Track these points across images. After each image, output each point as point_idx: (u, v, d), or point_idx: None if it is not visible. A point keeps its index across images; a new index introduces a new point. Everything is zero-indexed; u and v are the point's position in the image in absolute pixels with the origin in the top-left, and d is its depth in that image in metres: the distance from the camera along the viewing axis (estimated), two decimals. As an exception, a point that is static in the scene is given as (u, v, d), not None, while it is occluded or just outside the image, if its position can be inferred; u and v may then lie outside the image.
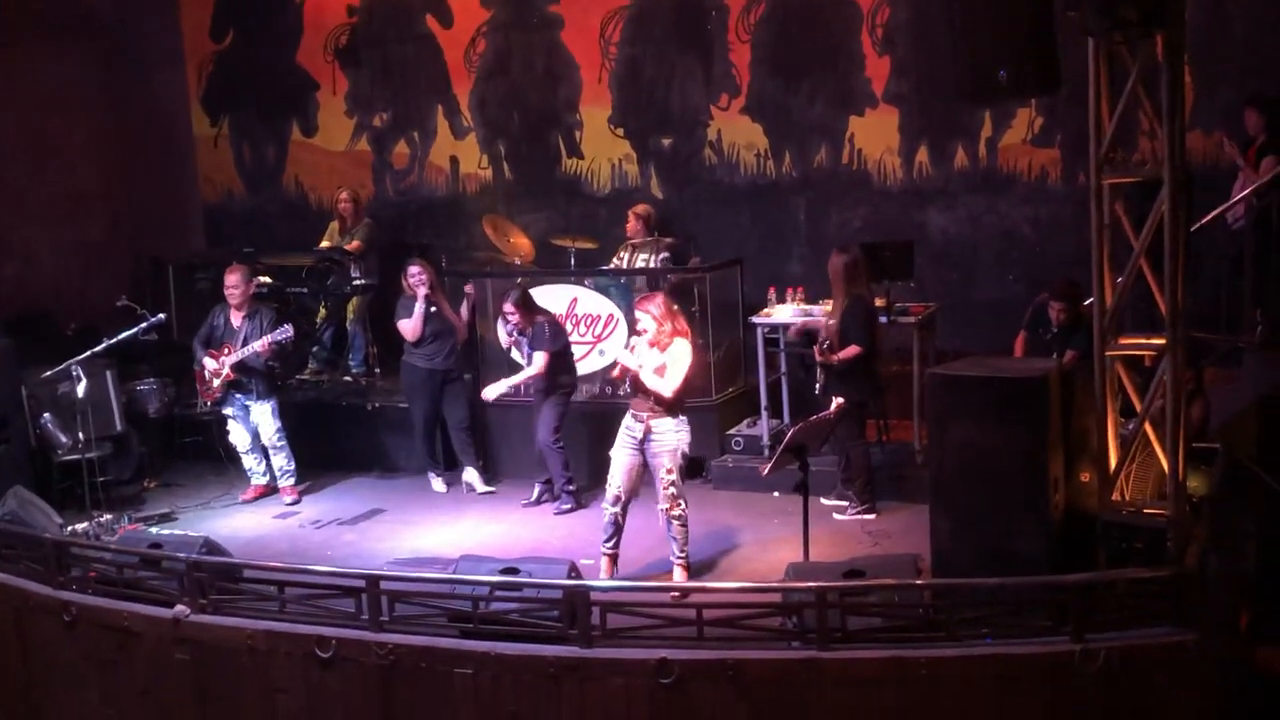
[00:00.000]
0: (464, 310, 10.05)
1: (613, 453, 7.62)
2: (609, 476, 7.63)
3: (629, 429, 7.57)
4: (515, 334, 9.18)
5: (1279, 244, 8.39)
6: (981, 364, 7.15)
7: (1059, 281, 8.48)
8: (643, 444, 7.51)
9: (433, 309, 9.49)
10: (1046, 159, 10.37)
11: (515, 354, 9.53)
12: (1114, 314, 6.79)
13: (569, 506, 9.10)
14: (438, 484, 9.88)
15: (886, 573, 6.57)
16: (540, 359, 8.99)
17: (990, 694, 5.95)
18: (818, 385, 8.86)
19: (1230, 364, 8.75)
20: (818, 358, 8.63)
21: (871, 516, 8.49)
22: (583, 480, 9.32)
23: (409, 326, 9.54)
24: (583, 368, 9.78)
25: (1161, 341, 6.65)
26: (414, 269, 9.58)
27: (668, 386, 7.45)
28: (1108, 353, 6.82)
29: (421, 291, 9.46)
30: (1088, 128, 6.76)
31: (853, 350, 8.39)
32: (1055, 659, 5.90)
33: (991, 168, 10.54)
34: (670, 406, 7.52)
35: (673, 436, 7.50)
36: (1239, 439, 7.98)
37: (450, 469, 9.97)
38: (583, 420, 9.42)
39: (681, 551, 7.61)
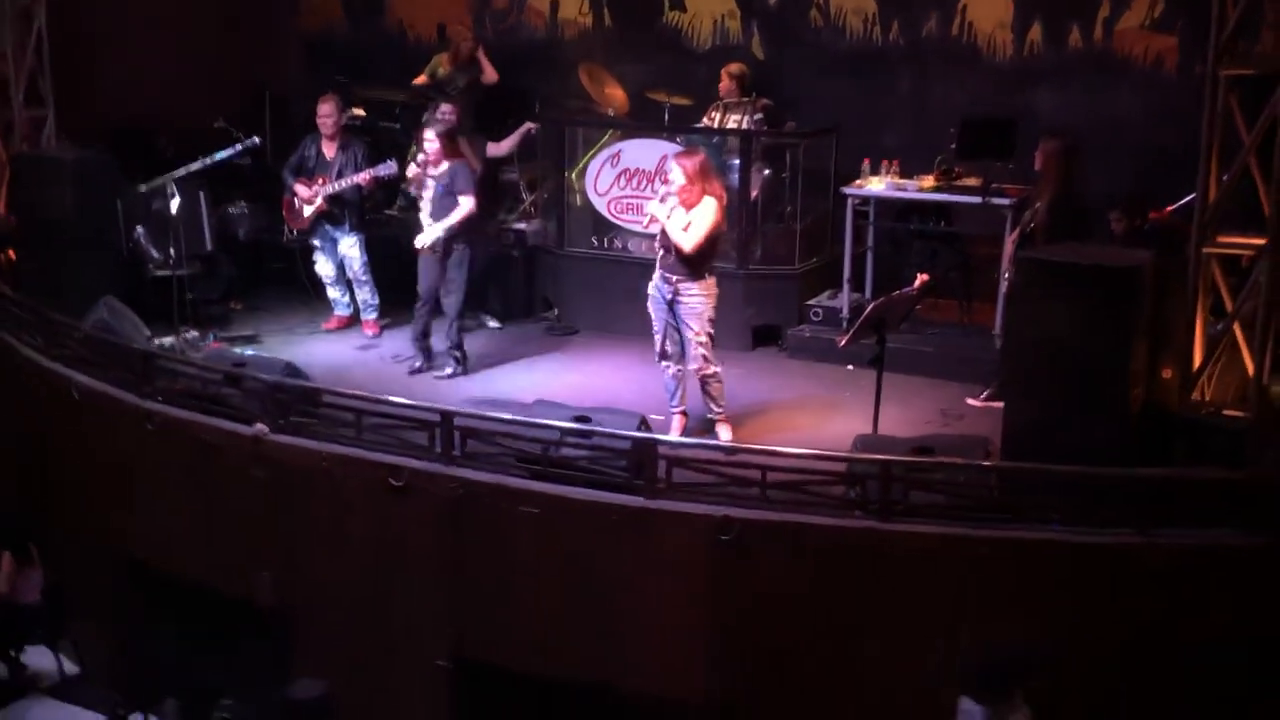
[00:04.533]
0: (508, 143, 9.99)
1: (650, 309, 7.67)
2: (657, 336, 7.68)
3: (659, 288, 7.58)
4: (422, 168, 8.83)
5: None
6: (1075, 250, 7.01)
7: (1127, 195, 8.34)
8: (671, 305, 7.54)
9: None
10: (1163, 46, 9.99)
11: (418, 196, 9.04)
12: (1215, 209, 6.62)
13: (450, 372, 8.92)
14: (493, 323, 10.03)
15: (955, 452, 6.58)
16: (468, 203, 8.79)
17: (1051, 579, 5.97)
18: (1004, 278, 8.39)
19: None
20: (1007, 258, 8.22)
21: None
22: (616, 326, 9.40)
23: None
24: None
25: (1262, 242, 6.48)
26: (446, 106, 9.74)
27: (689, 241, 7.41)
28: (1205, 249, 6.67)
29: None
30: (1210, 17, 6.52)
31: None
32: (1119, 550, 5.90)
33: (1106, 50, 10.17)
34: (695, 267, 7.48)
35: (700, 300, 7.50)
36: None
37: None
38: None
39: (719, 407, 7.71)
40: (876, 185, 9.49)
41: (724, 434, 7.69)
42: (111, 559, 8.00)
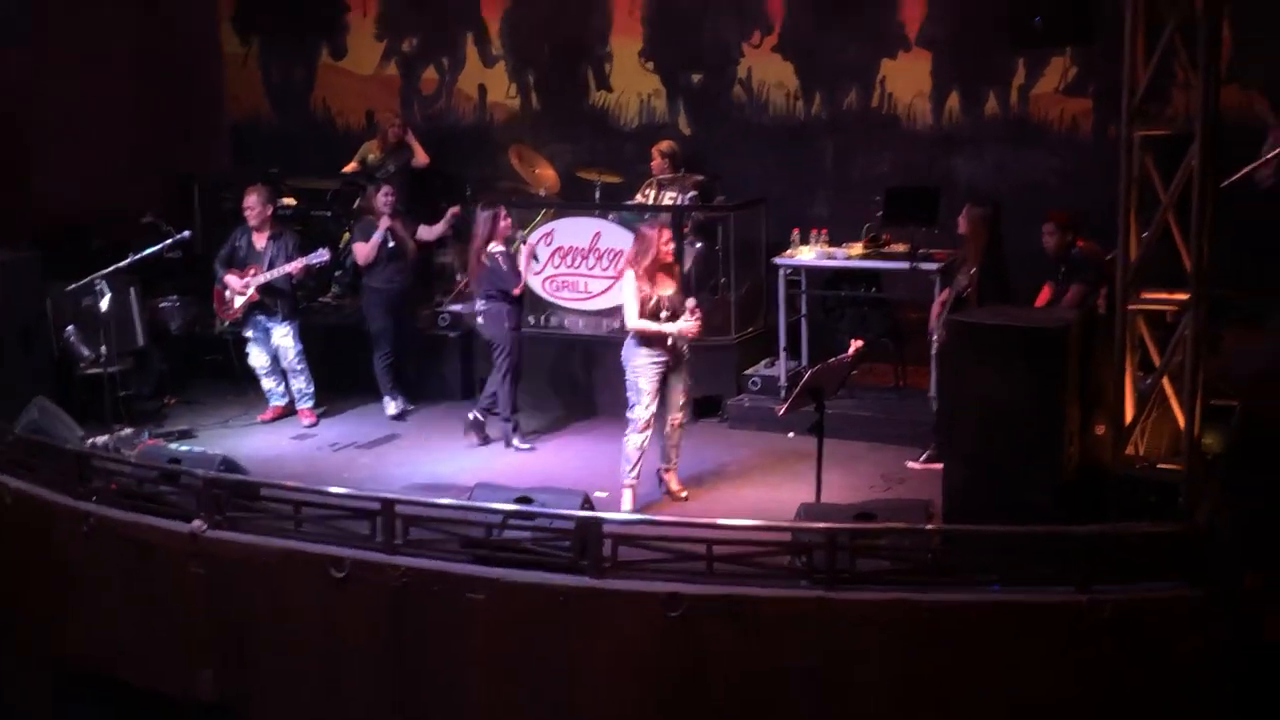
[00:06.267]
0: (439, 228, 10.23)
1: (650, 386, 7.85)
2: (651, 409, 7.84)
3: (656, 359, 7.83)
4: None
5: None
6: (1003, 312, 7.14)
7: (1055, 210, 8.49)
8: (672, 369, 7.89)
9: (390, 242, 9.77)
10: (1078, 109, 10.26)
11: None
12: (1138, 268, 6.76)
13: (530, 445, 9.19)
14: (391, 408, 9.92)
15: (897, 517, 6.61)
16: None
17: (996, 640, 6.00)
18: (933, 339, 8.53)
19: (1254, 323, 8.70)
20: (935, 319, 8.38)
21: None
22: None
23: (364, 250, 9.74)
24: (604, 302, 9.87)
25: (1184, 297, 6.62)
26: (388, 188, 9.89)
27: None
28: (1129, 306, 6.80)
29: (386, 218, 9.71)
30: (1121, 79, 6.70)
31: None
32: (1061, 608, 5.94)
33: (1023, 116, 10.42)
34: None
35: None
36: (1258, 398, 7.95)
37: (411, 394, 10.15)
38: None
39: (678, 455, 8.10)
40: (807, 254, 9.61)
41: (673, 483, 8.02)
42: (48, 665, 7.82)
